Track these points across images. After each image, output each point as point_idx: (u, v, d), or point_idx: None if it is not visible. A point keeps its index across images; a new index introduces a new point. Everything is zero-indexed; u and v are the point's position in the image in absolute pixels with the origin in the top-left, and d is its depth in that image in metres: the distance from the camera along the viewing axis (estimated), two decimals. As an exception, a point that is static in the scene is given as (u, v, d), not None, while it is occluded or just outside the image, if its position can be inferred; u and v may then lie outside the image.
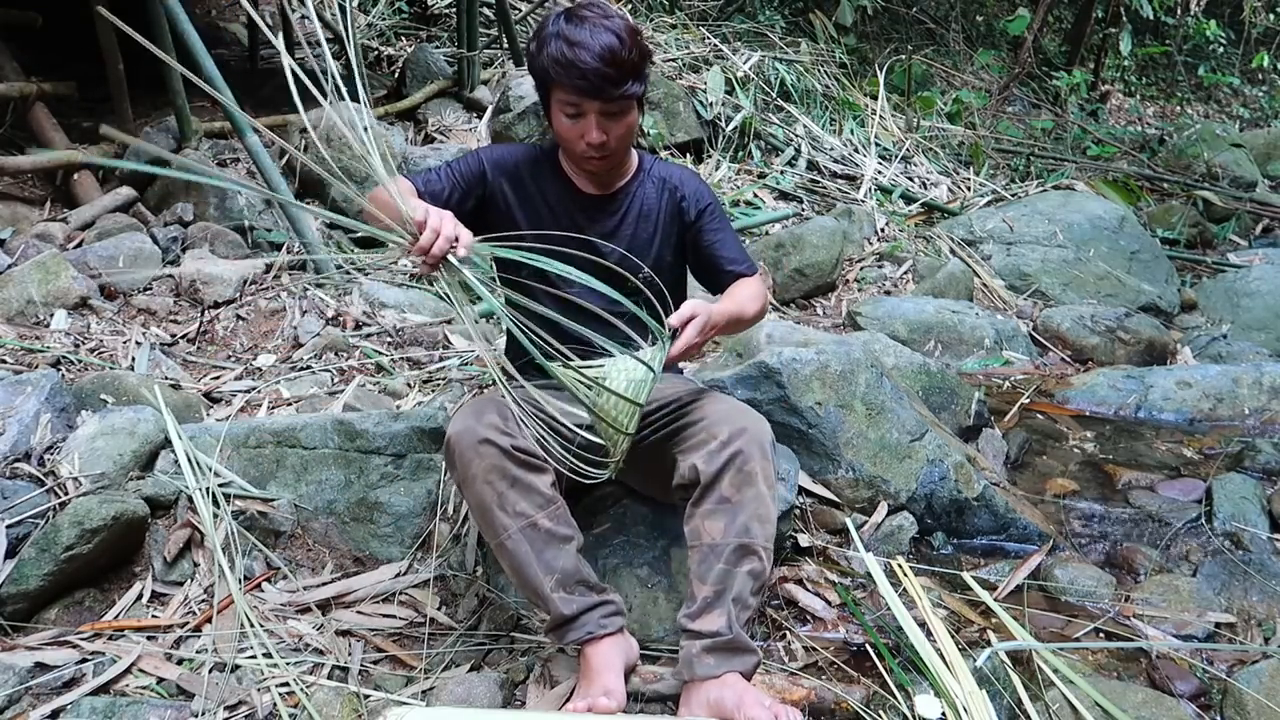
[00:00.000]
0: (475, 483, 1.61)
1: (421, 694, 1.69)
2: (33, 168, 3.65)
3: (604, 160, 1.79)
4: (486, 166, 1.84)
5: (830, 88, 6.64)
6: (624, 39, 1.66)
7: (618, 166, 1.86)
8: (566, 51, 1.64)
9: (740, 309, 1.81)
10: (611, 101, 1.69)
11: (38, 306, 2.91)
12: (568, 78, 1.66)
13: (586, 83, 1.65)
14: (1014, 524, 2.31)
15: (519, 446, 1.62)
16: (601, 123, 1.71)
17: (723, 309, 1.74)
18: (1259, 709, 1.64)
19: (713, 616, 1.61)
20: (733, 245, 1.94)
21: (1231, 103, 10.82)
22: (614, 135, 1.73)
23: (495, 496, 1.61)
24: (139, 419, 2.12)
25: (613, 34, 1.65)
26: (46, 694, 1.64)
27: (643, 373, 1.56)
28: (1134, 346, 3.77)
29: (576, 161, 1.83)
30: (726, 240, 1.94)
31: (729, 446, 1.65)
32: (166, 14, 3.55)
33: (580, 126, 1.72)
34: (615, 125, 1.73)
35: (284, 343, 3.06)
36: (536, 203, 1.85)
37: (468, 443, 1.61)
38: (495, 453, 1.60)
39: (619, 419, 1.55)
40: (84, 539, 1.82)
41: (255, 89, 4.88)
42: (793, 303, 4.28)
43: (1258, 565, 2.15)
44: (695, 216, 1.92)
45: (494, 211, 1.86)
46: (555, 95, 1.72)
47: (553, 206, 1.86)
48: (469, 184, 1.82)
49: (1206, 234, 5.91)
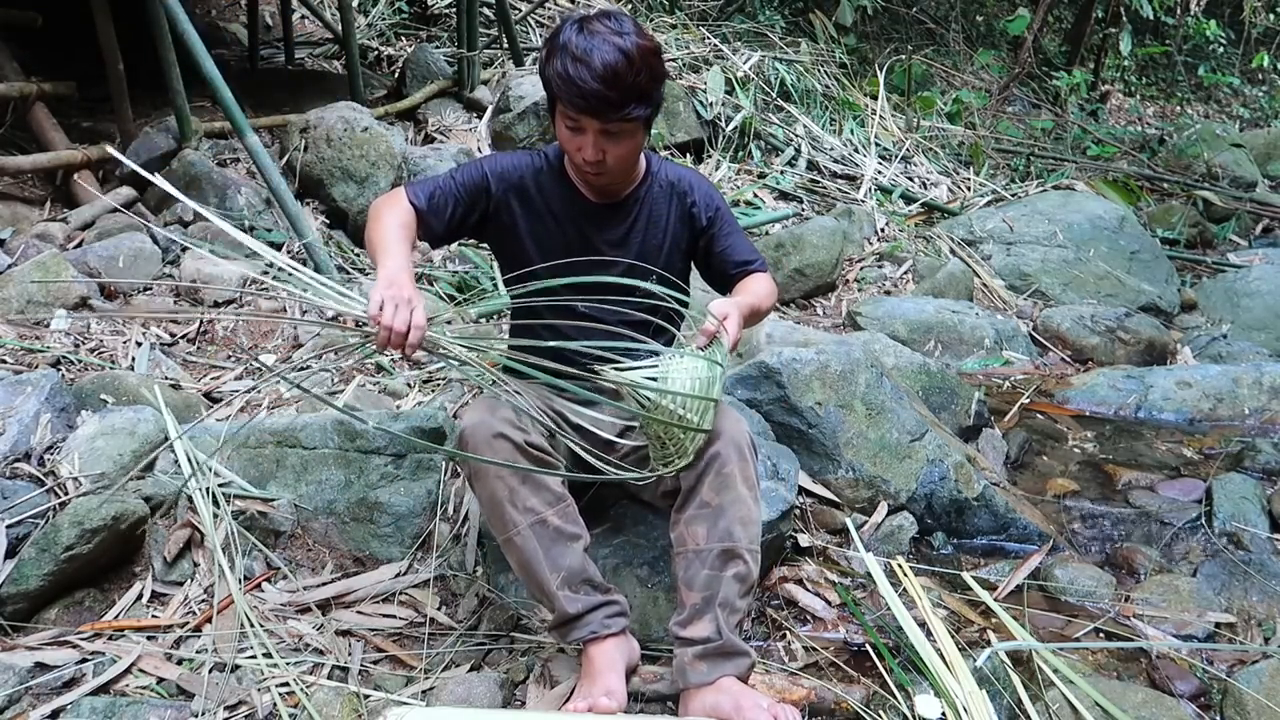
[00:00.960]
0: (487, 477, 1.62)
1: (421, 694, 1.69)
2: (33, 168, 3.65)
3: (599, 177, 1.74)
4: (491, 180, 1.79)
5: (830, 88, 6.64)
6: (633, 58, 1.58)
7: (619, 186, 1.82)
8: (570, 67, 1.58)
9: (758, 302, 1.80)
10: (610, 123, 1.63)
11: (38, 306, 2.91)
12: (567, 94, 1.61)
13: (584, 102, 1.59)
14: (1014, 524, 2.31)
15: (532, 443, 1.62)
16: (600, 141, 1.65)
17: (745, 303, 1.73)
18: (1259, 709, 1.64)
19: (702, 623, 1.61)
20: (744, 246, 1.92)
21: (1231, 103, 10.82)
22: (613, 155, 1.67)
23: (507, 492, 1.61)
24: (139, 419, 2.12)
25: (620, 52, 1.57)
26: (46, 694, 1.64)
27: (705, 368, 1.57)
28: (1134, 346, 3.77)
29: (575, 170, 1.79)
30: (738, 243, 1.91)
31: (707, 450, 1.65)
32: (166, 14, 3.55)
33: (579, 140, 1.67)
34: (615, 146, 1.66)
35: (284, 342, 3.06)
36: (543, 214, 1.81)
37: (482, 437, 1.60)
38: (509, 448, 1.60)
39: (688, 418, 1.56)
40: (84, 539, 1.82)
41: (255, 89, 4.88)
42: (793, 303, 4.28)
43: (1258, 565, 2.15)
44: (707, 223, 1.89)
45: (498, 224, 1.82)
46: (558, 106, 1.68)
47: (559, 216, 1.81)
48: (473, 198, 1.78)
49: (1206, 234, 5.91)
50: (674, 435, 1.59)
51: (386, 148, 4.01)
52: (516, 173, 1.81)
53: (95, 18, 3.60)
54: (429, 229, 1.75)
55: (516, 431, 1.61)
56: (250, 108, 4.17)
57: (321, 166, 3.96)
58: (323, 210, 3.99)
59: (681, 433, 1.58)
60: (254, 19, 5.99)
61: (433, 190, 1.76)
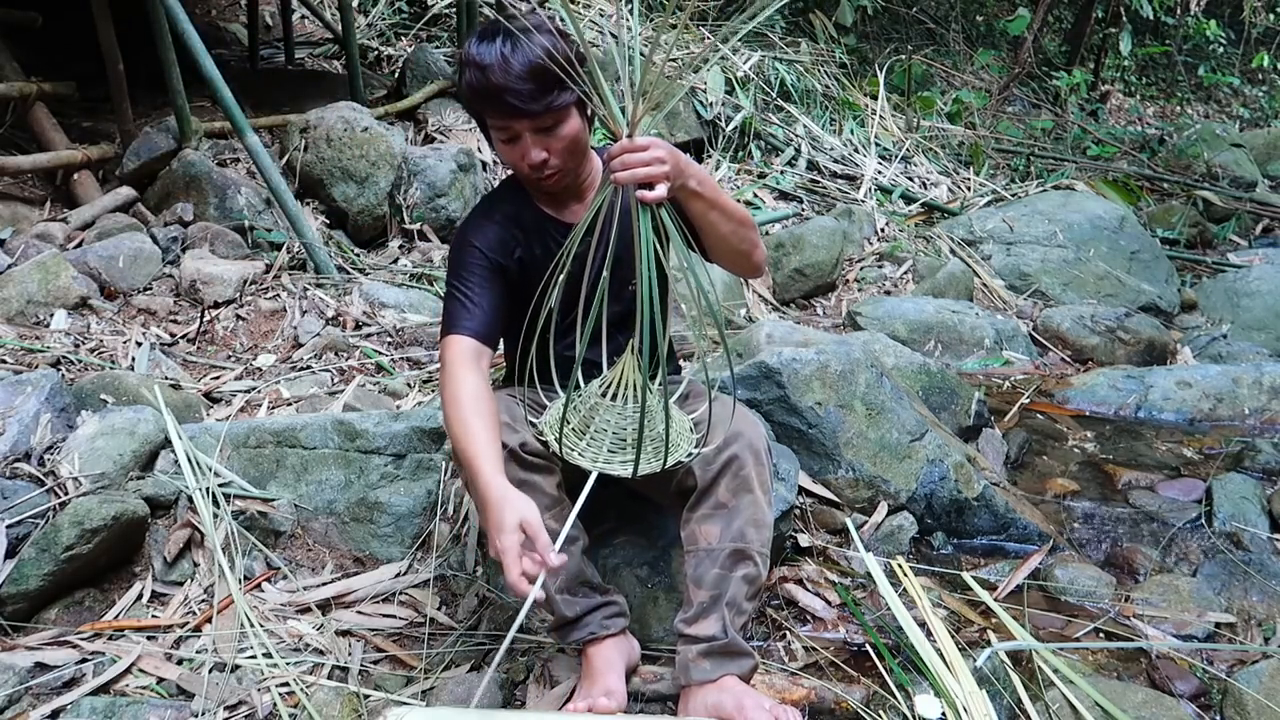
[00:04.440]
0: None
1: (421, 694, 1.69)
2: (33, 168, 3.65)
3: (554, 178, 1.64)
4: (488, 256, 1.69)
5: (830, 88, 6.64)
6: (532, 47, 1.50)
7: (578, 180, 1.72)
8: (479, 77, 1.51)
9: (720, 193, 1.62)
10: (539, 117, 1.54)
11: (38, 306, 2.91)
12: (486, 104, 1.54)
13: (505, 105, 1.51)
14: (1014, 524, 2.31)
15: (527, 446, 1.62)
16: (537, 140, 1.57)
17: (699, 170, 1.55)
18: (1259, 709, 1.64)
19: (708, 621, 1.61)
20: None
21: (1231, 103, 10.83)
22: (555, 150, 1.59)
23: None
24: (139, 419, 2.12)
25: (520, 48, 1.50)
26: (46, 694, 1.64)
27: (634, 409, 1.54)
28: (1134, 346, 3.77)
29: (533, 185, 1.70)
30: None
31: (724, 452, 1.64)
32: (166, 14, 3.55)
33: (519, 149, 1.59)
34: (553, 140, 1.58)
35: (284, 343, 3.06)
36: (532, 256, 1.72)
37: None
38: (503, 453, 1.59)
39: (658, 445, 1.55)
40: (84, 539, 1.82)
41: (255, 89, 4.88)
42: (793, 303, 4.28)
43: (1258, 565, 2.15)
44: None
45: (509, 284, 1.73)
46: (488, 123, 1.61)
47: (543, 250, 1.71)
48: (493, 282, 1.69)
49: (1206, 234, 5.91)
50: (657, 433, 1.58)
51: (386, 148, 4.01)
52: (495, 236, 1.71)
53: (95, 18, 3.60)
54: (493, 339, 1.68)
55: (511, 435, 1.60)
56: (250, 108, 4.17)
57: (321, 166, 3.96)
58: (323, 210, 4.00)
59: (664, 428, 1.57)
60: (254, 19, 6.00)
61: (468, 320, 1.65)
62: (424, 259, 3.94)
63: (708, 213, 1.59)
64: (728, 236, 1.64)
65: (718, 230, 1.62)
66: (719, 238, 1.63)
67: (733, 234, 1.64)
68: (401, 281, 3.66)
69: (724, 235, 1.63)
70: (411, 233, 4.06)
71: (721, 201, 1.61)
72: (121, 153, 3.87)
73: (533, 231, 1.73)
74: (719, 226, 1.61)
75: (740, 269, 1.75)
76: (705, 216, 1.59)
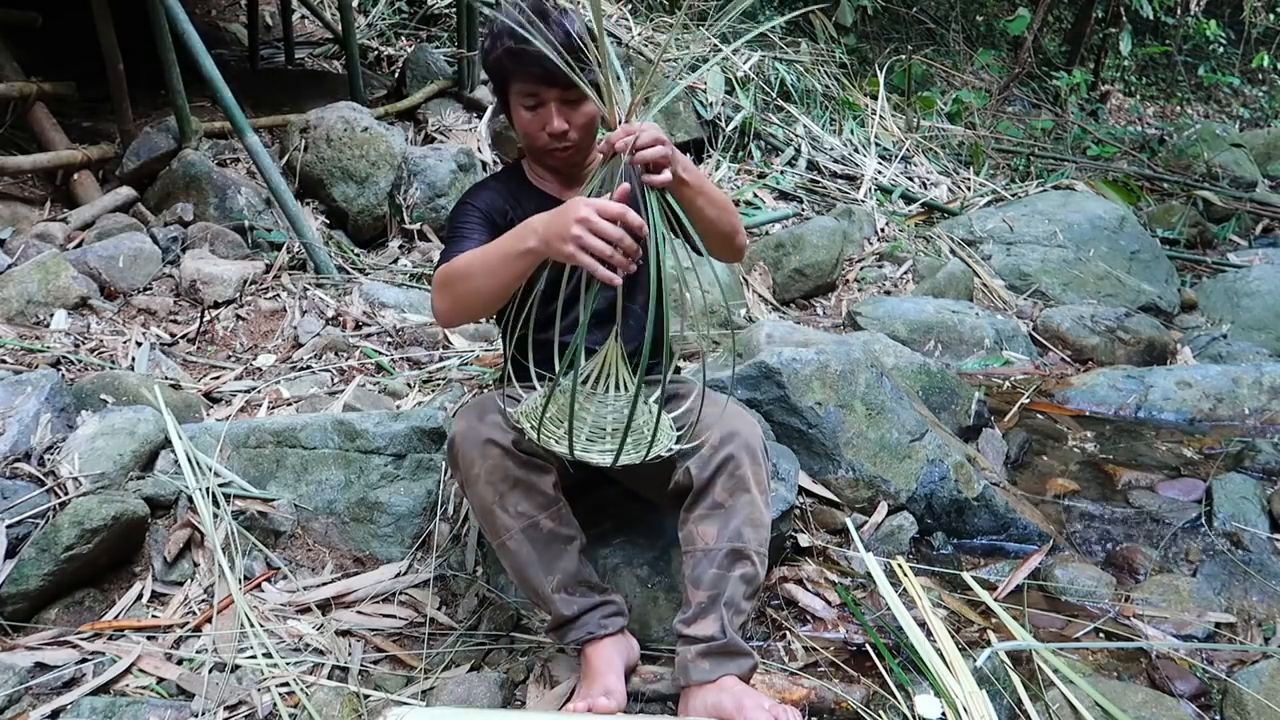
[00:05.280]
0: (478, 483, 1.61)
1: (421, 694, 1.69)
2: (33, 168, 3.65)
3: (568, 151, 1.73)
4: (485, 213, 1.75)
5: (830, 88, 6.64)
6: (570, 30, 1.61)
7: (583, 162, 1.80)
8: (519, 41, 1.59)
9: (704, 179, 1.67)
10: (570, 88, 1.63)
11: (38, 306, 2.91)
12: (522, 65, 1.62)
13: (541, 67, 1.58)
14: (1014, 524, 2.31)
15: (521, 445, 1.62)
16: (562, 110, 1.67)
17: (684, 157, 1.60)
18: (1259, 709, 1.64)
19: (707, 622, 1.61)
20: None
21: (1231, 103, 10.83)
22: (575, 124, 1.69)
23: (496, 497, 1.61)
24: (139, 419, 2.12)
25: (559, 25, 1.61)
26: (46, 694, 1.64)
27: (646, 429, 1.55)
28: (1134, 346, 3.77)
29: (542, 158, 1.78)
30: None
31: (720, 451, 1.64)
32: (166, 14, 3.55)
33: (541, 117, 1.68)
34: (575, 114, 1.68)
35: (284, 343, 3.06)
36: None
37: (471, 443, 1.60)
38: (498, 453, 1.59)
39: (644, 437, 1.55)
40: (84, 539, 1.82)
41: (255, 89, 4.88)
42: (793, 303, 4.28)
43: (1258, 565, 2.15)
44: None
45: None
46: (513, 89, 1.69)
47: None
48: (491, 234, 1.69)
49: (1206, 234, 5.91)
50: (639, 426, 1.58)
51: (386, 148, 4.01)
52: (499, 204, 1.77)
53: (95, 18, 3.60)
54: None
55: (505, 435, 1.60)
56: (250, 108, 4.17)
57: (321, 166, 3.97)
58: (323, 210, 4.00)
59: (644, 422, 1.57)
60: (254, 19, 6.00)
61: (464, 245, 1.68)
62: (424, 259, 3.94)
63: (695, 198, 1.62)
64: (715, 220, 1.68)
65: (705, 215, 1.65)
66: (707, 222, 1.66)
67: (718, 218, 1.68)
68: (401, 281, 3.67)
69: (711, 220, 1.67)
70: (411, 233, 4.06)
71: (706, 187, 1.65)
72: (121, 153, 3.87)
73: (528, 205, 1.75)
74: (705, 211, 1.65)
75: (724, 253, 1.78)
76: (694, 202, 1.62)
